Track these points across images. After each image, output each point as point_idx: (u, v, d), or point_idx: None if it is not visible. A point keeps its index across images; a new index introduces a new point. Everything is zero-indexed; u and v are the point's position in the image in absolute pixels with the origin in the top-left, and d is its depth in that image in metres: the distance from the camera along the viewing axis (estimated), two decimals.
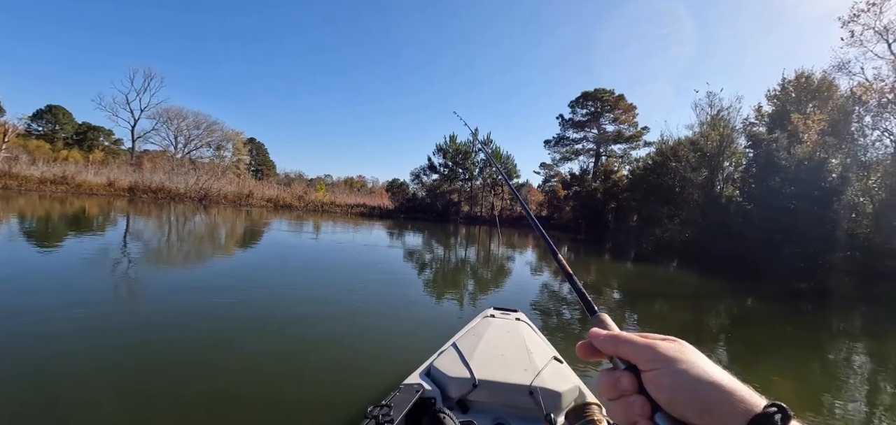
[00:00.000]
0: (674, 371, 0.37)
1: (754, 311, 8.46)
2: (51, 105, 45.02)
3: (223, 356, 3.69)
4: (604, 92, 36.97)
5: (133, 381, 3.04)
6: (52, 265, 6.69)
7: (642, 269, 13.86)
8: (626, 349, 0.41)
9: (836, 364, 5.19)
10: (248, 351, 3.84)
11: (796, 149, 16.76)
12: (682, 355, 0.38)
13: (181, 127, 42.33)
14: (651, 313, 7.31)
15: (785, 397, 3.99)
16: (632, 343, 0.41)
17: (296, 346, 4.05)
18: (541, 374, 1.85)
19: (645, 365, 0.39)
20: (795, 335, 6.63)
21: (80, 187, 24.93)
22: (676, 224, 23.10)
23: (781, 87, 21.35)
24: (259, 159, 53.39)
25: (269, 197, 30.87)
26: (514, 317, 2.89)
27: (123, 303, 5.20)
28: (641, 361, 0.40)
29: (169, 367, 3.35)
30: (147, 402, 2.75)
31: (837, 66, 18.66)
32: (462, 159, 35.20)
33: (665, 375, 0.37)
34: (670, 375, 0.37)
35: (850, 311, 9.22)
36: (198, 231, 13.65)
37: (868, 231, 15.16)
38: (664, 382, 0.37)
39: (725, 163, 21.91)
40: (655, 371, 0.38)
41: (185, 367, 3.39)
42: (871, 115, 17.13)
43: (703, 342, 5.65)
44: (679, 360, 0.38)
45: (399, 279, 8.38)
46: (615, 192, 31.16)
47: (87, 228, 11.49)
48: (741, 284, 11.57)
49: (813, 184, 15.84)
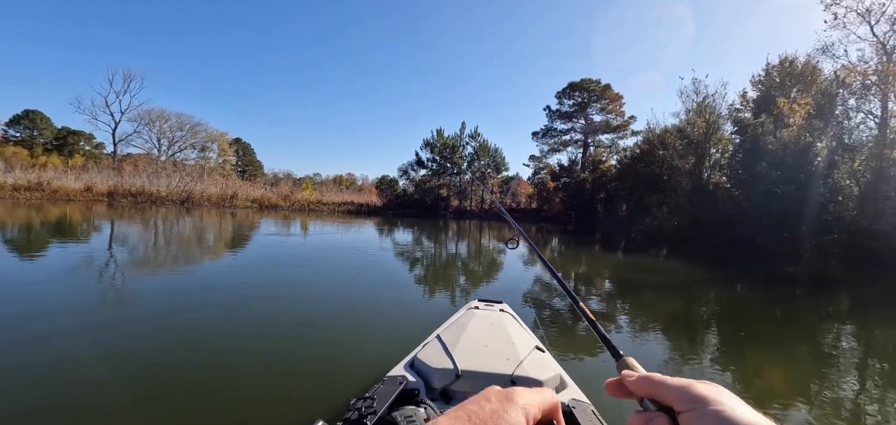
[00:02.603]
0: (712, 412, 0.36)
1: (743, 297, 8.35)
2: (28, 110, 43.78)
3: (206, 354, 3.70)
4: (590, 82, 36.93)
5: (118, 383, 3.04)
6: (26, 275, 6.29)
7: (632, 259, 13.75)
8: (661, 391, 0.41)
9: (824, 348, 5.07)
10: (232, 348, 3.84)
11: (782, 133, 16.77)
12: (720, 396, 0.38)
13: (164, 129, 41.46)
14: (641, 303, 7.13)
15: (775, 383, 3.83)
16: (666, 384, 0.41)
17: (280, 343, 4.05)
18: (522, 364, 1.87)
19: (681, 405, 0.39)
20: (784, 320, 6.52)
21: (56, 193, 24.18)
22: (665, 212, 23.10)
23: (766, 72, 21.36)
24: (245, 159, 52.59)
25: (253, 197, 30.29)
26: (498, 308, 2.87)
27: (102, 309, 4.85)
28: (678, 402, 0.39)
29: (151, 367, 3.35)
30: (131, 401, 2.78)
31: (821, 49, 18.64)
32: (450, 153, 34.90)
33: (704, 416, 0.37)
34: (709, 416, 0.36)
35: (837, 294, 9.16)
36: (179, 234, 13.20)
37: (854, 213, 15.19)
38: (703, 423, 0.36)
39: (712, 150, 21.92)
40: (693, 412, 0.38)
41: (167, 367, 3.39)
42: (855, 98, 17.19)
43: (694, 330, 5.52)
44: (717, 401, 0.37)
45: (385, 274, 8.14)
46: (604, 183, 31.17)
47: (60, 236, 11.01)
48: (730, 270, 11.50)
49: (799, 168, 15.85)
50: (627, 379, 0.45)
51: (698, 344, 4.89)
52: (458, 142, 35.16)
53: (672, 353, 4.50)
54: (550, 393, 0.44)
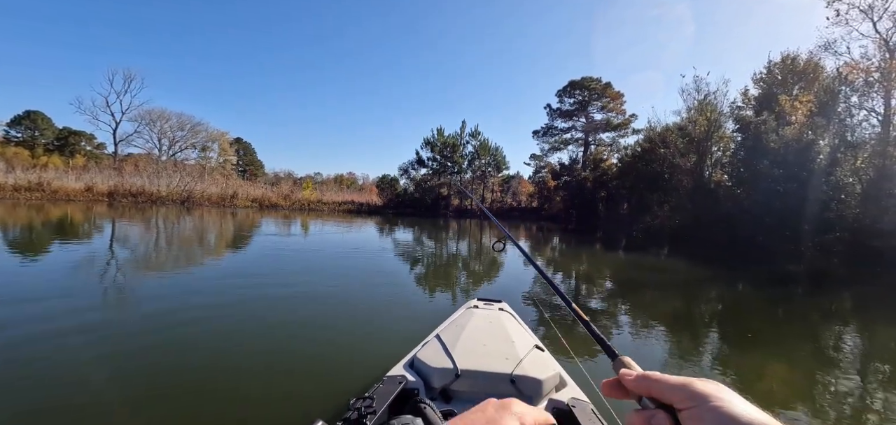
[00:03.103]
0: (712, 408, 0.37)
1: (745, 296, 8.29)
2: (29, 110, 43.78)
3: (206, 354, 3.70)
4: (591, 80, 36.80)
5: (119, 382, 3.04)
6: (28, 275, 6.27)
7: (633, 258, 13.69)
8: (660, 388, 0.41)
9: (827, 347, 5.03)
10: (232, 348, 3.85)
11: (784, 130, 16.67)
12: (720, 393, 0.38)
13: (165, 129, 41.44)
14: (642, 302, 7.09)
15: (778, 382, 3.78)
16: (666, 382, 0.41)
17: (280, 343, 4.06)
18: (522, 363, 1.87)
19: (682, 403, 0.39)
20: (786, 318, 6.46)
21: (56, 193, 24.18)
22: (666, 211, 23.03)
23: (768, 69, 21.28)
24: (246, 159, 52.58)
25: (254, 197, 30.27)
26: (497, 307, 2.88)
27: (103, 309, 4.82)
28: (679, 400, 0.39)
29: (151, 366, 3.36)
30: (132, 401, 2.79)
31: (823, 46, 18.59)
32: (450, 152, 34.84)
33: (705, 412, 0.37)
34: (712, 413, 0.36)
35: (840, 292, 9.11)
36: (178, 234, 13.18)
37: (857, 211, 15.10)
38: (706, 419, 0.36)
39: (713, 148, 21.83)
40: (694, 408, 0.38)
41: (167, 366, 3.39)
42: (858, 95, 17.10)
43: (695, 329, 5.47)
44: (717, 398, 0.37)
45: (383, 274, 8.09)
46: (605, 181, 31.07)
47: (62, 235, 11.00)
48: (731, 269, 11.44)
49: (801, 166, 15.76)
50: (626, 379, 0.45)
51: (700, 344, 4.85)
52: (458, 141, 35.09)
53: (673, 353, 4.46)
54: (546, 415, 0.45)
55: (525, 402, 0.45)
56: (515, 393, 1.72)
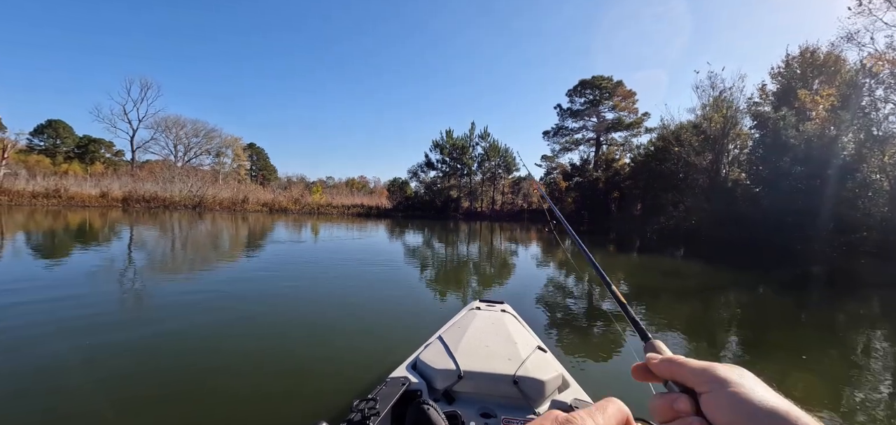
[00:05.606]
0: (733, 393, 0.37)
1: (766, 299, 7.88)
2: (51, 119, 45.15)
3: (209, 354, 3.74)
4: (602, 79, 36.23)
5: (122, 382, 3.08)
6: (25, 276, 6.26)
7: (648, 260, 13.27)
8: (684, 372, 0.42)
9: (855, 352, 4.68)
10: (236, 349, 3.87)
11: (805, 126, 16.03)
12: (742, 379, 0.38)
13: (180, 135, 42.32)
14: (659, 305, 6.77)
15: (803, 389, 3.46)
16: (688, 366, 0.42)
17: (284, 344, 4.08)
18: (524, 364, 1.86)
19: (703, 387, 0.39)
20: (811, 322, 6.10)
21: (72, 199, 24.70)
22: (681, 211, 22.44)
23: (786, 63, 20.56)
24: (259, 164, 53.26)
25: (264, 201, 30.53)
26: (499, 308, 2.89)
27: (109, 312, 4.84)
28: (699, 384, 0.39)
29: (156, 367, 3.40)
30: (135, 401, 2.81)
31: (846, 37, 17.82)
32: (459, 154, 34.62)
33: (725, 397, 0.37)
34: (730, 397, 0.36)
35: (867, 295, 8.60)
36: (189, 239, 13.25)
37: (885, 210, 14.39)
38: (724, 404, 0.37)
39: (730, 146, 21.20)
40: (712, 392, 0.38)
41: (171, 367, 3.43)
42: (884, 88, 16.35)
43: (715, 333, 5.20)
44: (739, 383, 0.37)
45: (387, 276, 7.98)
46: (617, 181, 30.53)
47: (82, 240, 11.10)
48: (751, 271, 10.96)
49: (825, 163, 15.12)
50: (652, 362, 0.45)
51: (719, 350, 4.55)
52: (467, 143, 34.86)
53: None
54: (617, 405, 0.37)
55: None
56: (518, 395, 1.75)
